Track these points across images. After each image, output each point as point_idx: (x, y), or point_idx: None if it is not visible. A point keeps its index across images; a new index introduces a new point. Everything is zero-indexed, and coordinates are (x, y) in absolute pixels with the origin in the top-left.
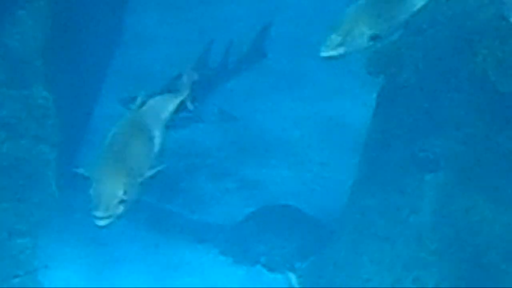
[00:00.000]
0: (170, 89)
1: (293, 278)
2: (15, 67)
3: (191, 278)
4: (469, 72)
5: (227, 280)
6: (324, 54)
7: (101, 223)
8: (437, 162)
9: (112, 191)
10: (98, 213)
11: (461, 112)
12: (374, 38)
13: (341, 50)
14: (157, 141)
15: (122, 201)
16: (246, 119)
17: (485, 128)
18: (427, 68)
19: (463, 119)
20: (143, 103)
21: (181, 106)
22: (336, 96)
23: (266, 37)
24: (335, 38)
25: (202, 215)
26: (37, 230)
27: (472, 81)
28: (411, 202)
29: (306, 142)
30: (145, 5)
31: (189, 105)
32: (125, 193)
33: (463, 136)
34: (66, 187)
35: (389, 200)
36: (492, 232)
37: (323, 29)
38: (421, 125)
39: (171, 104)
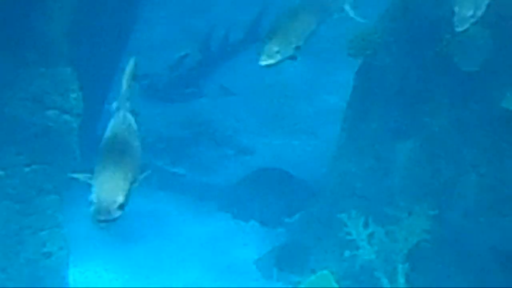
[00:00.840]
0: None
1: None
2: (43, 48)
3: (194, 230)
4: (435, 54)
5: (225, 232)
6: (264, 63)
7: (102, 225)
8: (407, 132)
9: (113, 198)
10: (101, 217)
11: (428, 88)
12: (298, 47)
13: (278, 58)
14: (139, 148)
15: (121, 206)
16: (243, 95)
17: (448, 102)
18: (399, 51)
19: (429, 95)
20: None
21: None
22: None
23: (260, 22)
24: (273, 47)
25: (204, 177)
26: (62, 189)
27: (438, 62)
28: (384, 166)
29: (296, 114)
30: None
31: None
32: (124, 198)
33: (430, 109)
34: (87, 151)
35: (365, 164)
36: (454, 192)
37: None
38: (393, 100)
39: (130, 116)
